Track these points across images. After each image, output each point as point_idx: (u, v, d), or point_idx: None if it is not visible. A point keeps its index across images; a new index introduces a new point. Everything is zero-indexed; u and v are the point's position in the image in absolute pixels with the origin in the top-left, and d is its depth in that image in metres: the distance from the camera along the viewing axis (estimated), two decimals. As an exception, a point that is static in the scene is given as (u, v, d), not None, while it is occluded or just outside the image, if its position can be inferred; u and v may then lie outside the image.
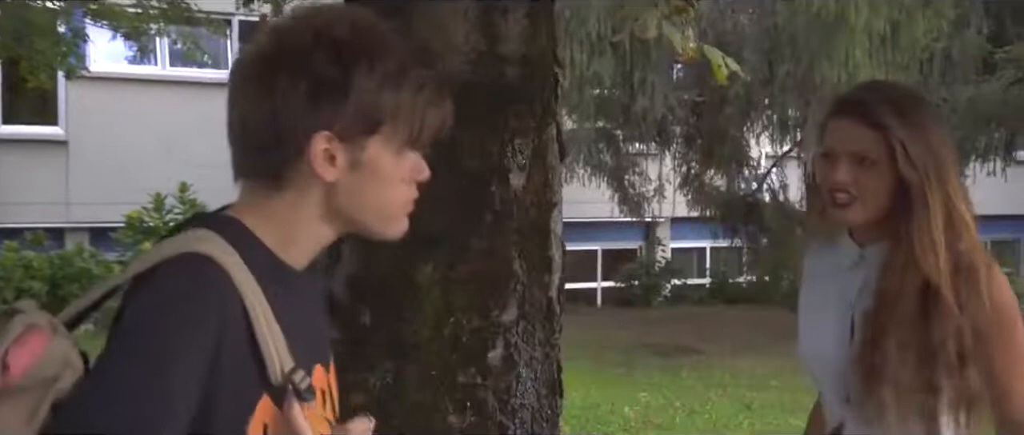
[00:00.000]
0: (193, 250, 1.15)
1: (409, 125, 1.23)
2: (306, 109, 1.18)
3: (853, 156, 1.79)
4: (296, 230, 1.24)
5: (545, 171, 2.71)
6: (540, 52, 2.70)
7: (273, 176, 1.22)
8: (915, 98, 1.91)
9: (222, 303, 1.14)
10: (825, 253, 1.96)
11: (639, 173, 14.90)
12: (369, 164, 1.22)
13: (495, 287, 2.60)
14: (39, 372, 1.10)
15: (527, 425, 2.64)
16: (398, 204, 1.29)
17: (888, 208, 1.79)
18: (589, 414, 7.48)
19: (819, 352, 1.89)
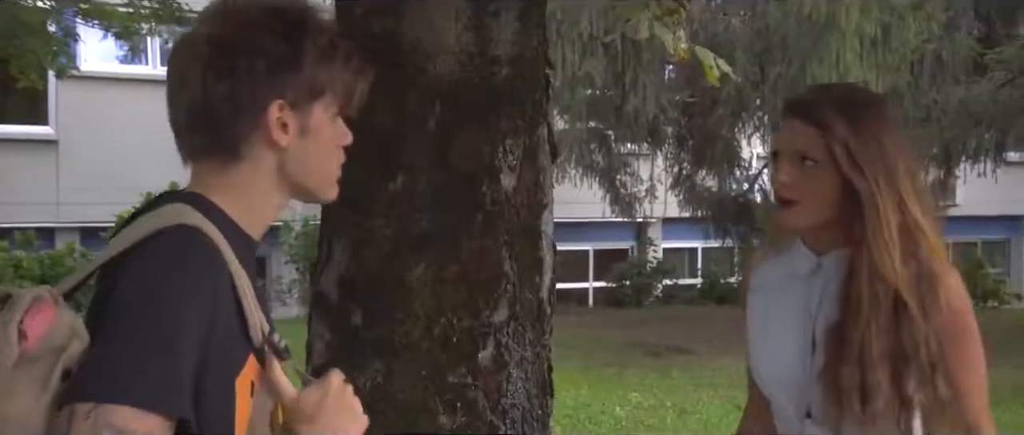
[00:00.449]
0: (181, 222, 1.23)
1: (344, 92, 1.38)
2: (264, 83, 1.31)
3: (795, 155, 1.74)
4: (254, 200, 1.36)
5: (536, 172, 2.71)
6: (531, 53, 2.70)
7: (230, 151, 1.32)
8: (868, 100, 1.84)
9: (215, 269, 1.23)
10: (777, 264, 1.88)
11: (631, 173, 14.92)
12: (314, 130, 1.36)
13: (486, 287, 2.60)
14: (50, 341, 1.16)
15: (518, 425, 2.65)
16: (335, 168, 1.42)
17: (837, 212, 1.73)
18: (580, 414, 7.48)
19: (777, 366, 1.82)
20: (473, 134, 2.59)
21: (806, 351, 1.79)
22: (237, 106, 1.30)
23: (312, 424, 1.28)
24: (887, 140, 1.73)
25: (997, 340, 9.92)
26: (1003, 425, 7.09)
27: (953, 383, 1.75)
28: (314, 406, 1.29)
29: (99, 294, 1.23)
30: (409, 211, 2.56)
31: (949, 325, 1.74)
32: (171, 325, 1.16)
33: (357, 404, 1.36)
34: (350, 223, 2.60)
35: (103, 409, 1.11)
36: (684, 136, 13.63)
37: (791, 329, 1.81)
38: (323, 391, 1.31)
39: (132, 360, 1.14)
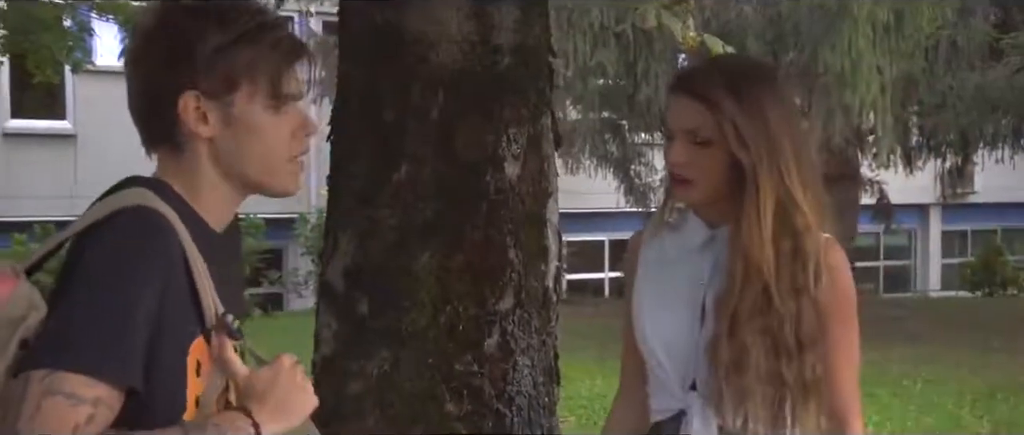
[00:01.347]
0: (139, 203, 1.27)
1: (270, 78, 1.34)
2: (171, 72, 1.31)
3: (687, 134, 1.73)
4: (202, 189, 1.36)
5: (540, 160, 2.72)
6: (534, 41, 2.71)
7: (169, 141, 1.35)
8: (756, 73, 1.82)
9: (169, 248, 1.26)
10: (670, 238, 1.87)
11: (645, 163, 14.90)
12: (241, 119, 1.34)
13: (491, 276, 2.61)
14: (7, 312, 1.21)
15: (524, 413, 2.66)
16: (278, 157, 1.38)
17: (729, 187, 1.73)
18: (595, 404, 7.47)
19: (665, 335, 1.80)
20: (477, 123, 2.60)
21: (696, 321, 1.79)
22: (155, 98, 1.33)
23: (262, 402, 1.30)
24: (773, 114, 1.71)
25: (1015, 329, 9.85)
26: (1021, 413, 7.06)
27: (827, 365, 1.76)
28: (265, 384, 1.32)
29: (63, 267, 1.27)
30: (414, 201, 2.57)
31: (825, 304, 1.74)
32: (124, 298, 1.21)
33: (308, 384, 1.38)
34: (355, 214, 2.61)
35: (56, 376, 1.16)
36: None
37: (682, 299, 1.80)
38: (275, 371, 1.33)
39: (85, 330, 1.19)
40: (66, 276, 1.24)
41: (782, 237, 1.70)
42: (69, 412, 1.16)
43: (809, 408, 1.76)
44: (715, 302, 1.76)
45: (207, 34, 1.31)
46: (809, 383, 1.74)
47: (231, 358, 1.33)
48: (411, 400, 2.58)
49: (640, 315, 1.84)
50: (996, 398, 7.54)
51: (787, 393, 1.73)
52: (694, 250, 1.82)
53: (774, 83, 1.81)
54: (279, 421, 1.32)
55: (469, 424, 2.59)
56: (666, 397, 1.85)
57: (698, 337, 1.77)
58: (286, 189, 1.41)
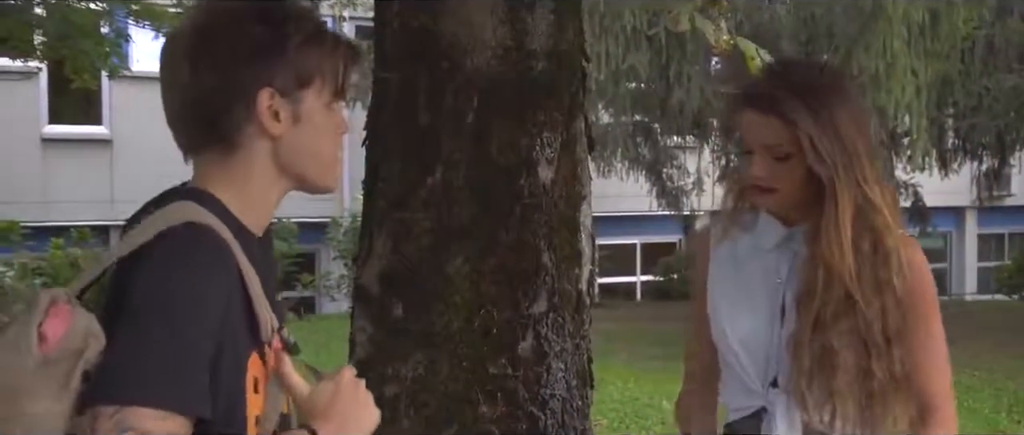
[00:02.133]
0: (191, 220, 1.24)
1: (334, 78, 1.37)
2: (249, 69, 1.30)
3: (768, 150, 1.78)
4: (252, 192, 1.35)
5: (574, 164, 2.73)
6: (567, 46, 2.72)
7: (226, 142, 1.32)
8: (826, 82, 1.85)
9: (227, 265, 1.24)
10: (742, 237, 1.91)
11: (677, 166, 14.85)
12: (307, 117, 1.35)
13: (525, 279, 2.62)
14: (69, 343, 1.16)
15: (558, 416, 2.67)
16: (332, 155, 1.40)
17: (805, 193, 1.79)
18: (627, 408, 7.47)
19: (743, 333, 1.84)
20: (511, 128, 2.61)
21: (775, 319, 1.83)
22: (227, 95, 1.30)
23: (326, 418, 1.29)
24: (845, 122, 1.76)
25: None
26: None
27: (911, 360, 1.80)
28: (327, 400, 1.30)
29: (113, 292, 1.22)
30: (448, 204, 2.59)
31: (909, 299, 1.79)
32: (188, 325, 1.17)
33: (369, 398, 1.36)
34: (390, 217, 2.64)
35: (126, 411, 1.12)
36: (730, 128, 13.50)
37: (760, 297, 1.85)
38: (335, 385, 1.32)
39: (152, 361, 1.15)
40: (122, 302, 1.19)
41: (862, 238, 1.76)
42: None
43: (899, 403, 1.80)
44: (796, 303, 1.80)
45: (287, 31, 1.32)
46: (899, 377, 1.78)
47: (291, 374, 1.32)
48: (446, 402, 2.59)
49: (718, 313, 1.89)
50: (1035, 403, 7.46)
51: (875, 389, 1.77)
52: (770, 249, 1.87)
53: (842, 88, 1.86)
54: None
55: (503, 426, 2.61)
56: (743, 393, 1.89)
57: (778, 334, 1.82)
58: (331, 186, 1.42)
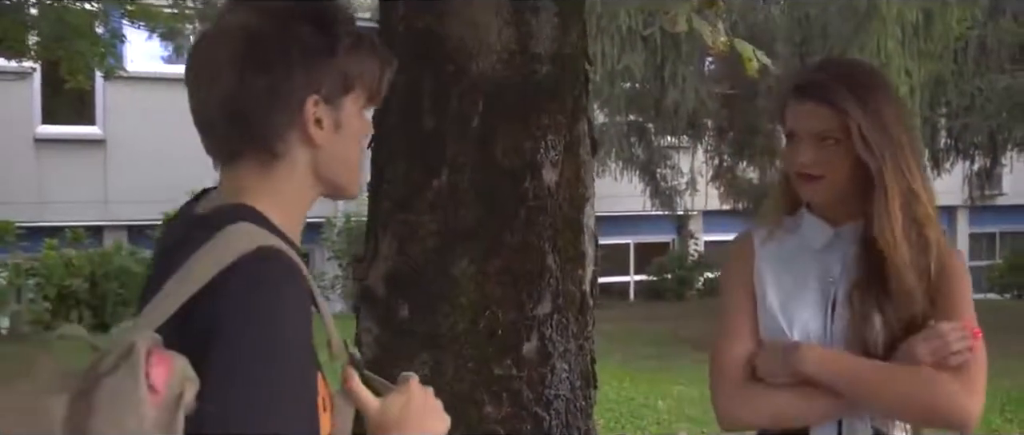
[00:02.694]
0: (260, 244, 1.19)
1: (371, 84, 1.34)
2: (302, 76, 1.26)
3: (816, 137, 1.83)
4: (291, 203, 1.31)
5: (577, 166, 2.76)
6: (571, 49, 2.75)
7: (267, 151, 1.27)
8: (872, 78, 1.92)
9: (303, 290, 1.20)
10: (788, 238, 1.95)
11: (671, 166, 14.89)
12: (346, 123, 1.31)
13: (529, 281, 2.65)
14: (172, 389, 1.09)
15: (562, 416, 2.69)
16: (358, 161, 1.38)
17: (852, 186, 1.84)
18: (622, 408, 7.50)
19: (802, 329, 1.87)
20: (515, 130, 2.64)
21: (826, 315, 1.87)
22: (275, 101, 1.25)
23: (400, 429, 1.30)
24: (891, 117, 1.83)
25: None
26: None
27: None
28: (399, 412, 1.31)
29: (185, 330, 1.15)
30: (454, 207, 2.61)
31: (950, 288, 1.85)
32: (293, 351, 1.15)
33: (438, 405, 1.37)
34: (396, 219, 2.66)
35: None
36: (724, 128, 13.57)
37: (813, 296, 1.88)
38: (406, 397, 1.32)
39: (268, 400, 1.12)
40: (210, 342, 1.13)
41: (910, 229, 1.82)
42: None
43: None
44: (856, 296, 1.84)
45: (339, 37, 1.28)
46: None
47: (360, 390, 1.31)
48: (451, 403, 2.55)
49: (771, 310, 1.90)
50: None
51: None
52: (817, 250, 1.91)
53: (887, 86, 1.93)
54: None
55: (508, 427, 2.63)
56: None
57: (830, 329, 1.86)
58: (357, 193, 1.40)
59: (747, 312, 1.92)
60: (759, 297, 1.92)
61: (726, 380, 1.90)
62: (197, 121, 1.31)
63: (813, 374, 1.80)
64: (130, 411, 1.06)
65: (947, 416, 1.80)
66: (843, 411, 1.83)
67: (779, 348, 1.85)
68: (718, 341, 1.94)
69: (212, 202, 1.30)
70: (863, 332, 1.82)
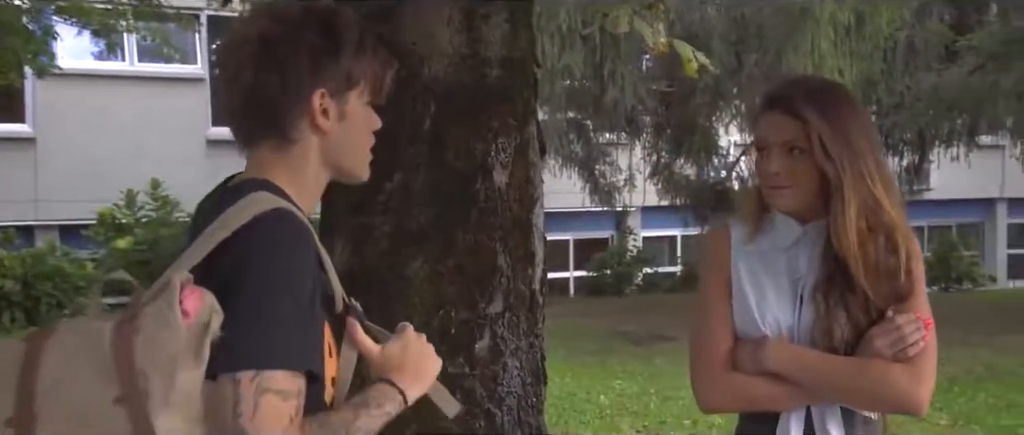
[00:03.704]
0: (277, 206, 1.39)
1: (374, 81, 1.56)
2: (309, 73, 1.48)
3: (783, 146, 1.95)
4: (306, 181, 1.53)
5: (527, 168, 2.81)
6: (520, 53, 2.80)
7: (283, 135, 1.50)
8: (836, 92, 2.05)
9: (313, 245, 1.41)
10: (761, 236, 2.06)
11: (610, 163, 15.02)
12: (350, 115, 1.53)
13: (481, 280, 2.70)
14: (202, 317, 1.29)
15: (514, 413, 2.75)
16: (367, 149, 1.59)
17: (818, 193, 1.95)
18: (565, 403, 7.57)
19: (773, 323, 1.98)
20: (466, 133, 2.69)
21: (795, 309, 1.98)
22: (286, 94, 1.47)
23: (401, 371, 1.54)
24: (853, 127, 1.95)
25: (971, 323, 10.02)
26: (977, 405, 7.25)
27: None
28: (399, 356, 1.55)
29: (211, 273, 1.34)
30: (407, 208, 2.65)
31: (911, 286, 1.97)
32: (300, 295, 1.35)
33: (431, 348, 1.61)
34: (350, 221, 2.69)
35: (264, 375, 1.30)
36: (662, 125, 13.74)
37: (783, 290, 2.00)
38: (403, 342, 1.57)
39: (279, 330, 1.32)
40: (231, 281, 1.33)
41: (877, 233, 1.93)
42: (283, 407, 1.30)
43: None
44: (820, 294, 1.95)
45: (343, 40, 1.50)
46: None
47: (363, 339, 1.55)
48: (404, 402, 2.64)
49: (746, 304, 2.01)
50: (953, 391, 7.73)
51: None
52: (785, 247, 2.02)
53: (851, 100, 2.03)
54: (417, 385, 1.56)
55: (461, 424, 2.66)
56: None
57: (798, 323, 1.97)
58: (364, 176, 1.61)
59: (725, 305, 2.04)
60: (735, 291, 2.03)
61: (707, 369, 2.04)
62: (224, 112, 1.52)
63: (775, 369, 1.94)
64: (167, 330, 1.27)
65: (896, 404, 1.94)
66: (813, 398, 1.96)
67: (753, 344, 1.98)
68: (699, 333, 2.07)
69: (239, 179, 1.52)
70: (830, 328, 1.93)
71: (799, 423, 1.97)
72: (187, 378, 1.27)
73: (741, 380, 2.00)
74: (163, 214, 12.67)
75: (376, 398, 1.49)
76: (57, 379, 1.27)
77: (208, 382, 1.30)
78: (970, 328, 10.85)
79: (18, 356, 1.30)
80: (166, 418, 1.25)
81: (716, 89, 11.43)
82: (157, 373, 1.25)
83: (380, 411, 1.48)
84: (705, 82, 10.80)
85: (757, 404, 2.02)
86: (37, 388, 1.27)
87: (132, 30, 10.98)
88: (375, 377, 1.54)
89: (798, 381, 1.94)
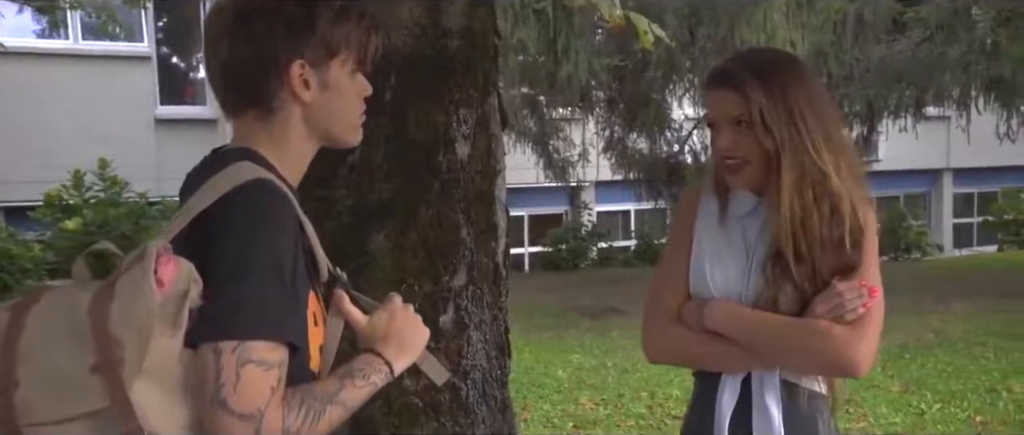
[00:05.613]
0: (258, 176, 1.40)
1: (358, 49, 1.56)
2: (283, 42, 1.48)
3: (731, 121, 1.97)
4: (289, 149, 1.53)
5: (488, 140, 2.79)
6: (481, 24, 2.77)
7: (263, 107, 1.51)
8: (782, 64, 2.02)
9: (294, 214, 1.42)
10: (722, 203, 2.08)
11: (563, 138, 15.03)
12: (333, 84, 1.54)
13: (445, 253, 2.68)
14: (178, 286, 1.30)
15: (479, 385, 2.74)
16: (357, 115, 1.61)
17: (767, 165, 1.96)
18: (523, 378, 7.59)
19: (721, 288, 2.00)
20: (428, 105, 2.66)
21: (747, 277, 2.00)
22: (263, 65, 1.48)
23: (387, 342, 1.55)
24: (797, 98, 1.94)
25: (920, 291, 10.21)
26: (927, 371, 7.40)
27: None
28: (385, 326, 1.57)
29: (191, 243, 1.35)
30: (369, 182, 2.62)
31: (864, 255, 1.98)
32: (280, 264, 1.35)
33: (419, 319, 1.62)
34: (312, 196, 2.64)
35: (245, 346, 1.29)
36: (615, 100, 13.76)
37: (735, 258, 2.02)
38: (389, 313, 1.59)
39: (259, 300, 1.32)
40: (212, 251, 1.33)
41: (822, 202, 1.93)
42: (264, 377, 1.30)
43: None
44: (768, 264, 1.96)
45: (319, 9, 1.50)
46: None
47: (350, 308, 1.57)
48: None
49: (701, 265, 2.03)
50: (904, 358, 7.89)
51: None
52: (741, 217, 2.04)
53: (800, 72, 2.01)
54: (403, 356, 1.57)
55: (426, 398, 2.66)
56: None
57: (749, 291, 1.98)
58: (354, 142, 1.63)
59: (683, 262, 2.06)
60: (694, 251, 2.05)
61: (656, 322, 2.06)
62: (209, 84, 1.56)
63: (715, 327, 1.96)
64: (140, 298, 1.26)
65: (835, 364, 1.93)
66: (753, 364, 1.98)
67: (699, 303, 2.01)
68: (654, 288, 2.10)
69: (225, 149, 1.54)
70: (775, 297, 1.95)
71: (734, 391, 1.99)
72: (163, 346, 1.27)
73: (685, 335, 2.01)
74: (112, 194, 12.45)
75: (362, 369, 1.49)
76: (37, 346, 1.27)
77: (188, 352, 1.30)
78: (919, 296, 11.05)
79: (2, 324, 1.30)
80: (142, 385, 1.25)
81: (669, 63, 11.46)
82: (131, 341, 1.25)
83: (365, 382, 1.48)
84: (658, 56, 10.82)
85: (698, 361, 2.06)
86: (19, 355, 1.27)
87: (76, 7, 10.74)
88: (362, 348, 1.55)
89: (738, 339, 1.96)
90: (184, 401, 1.30)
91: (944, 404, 6.49)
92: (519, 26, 9.21)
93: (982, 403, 6.47)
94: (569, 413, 6.62)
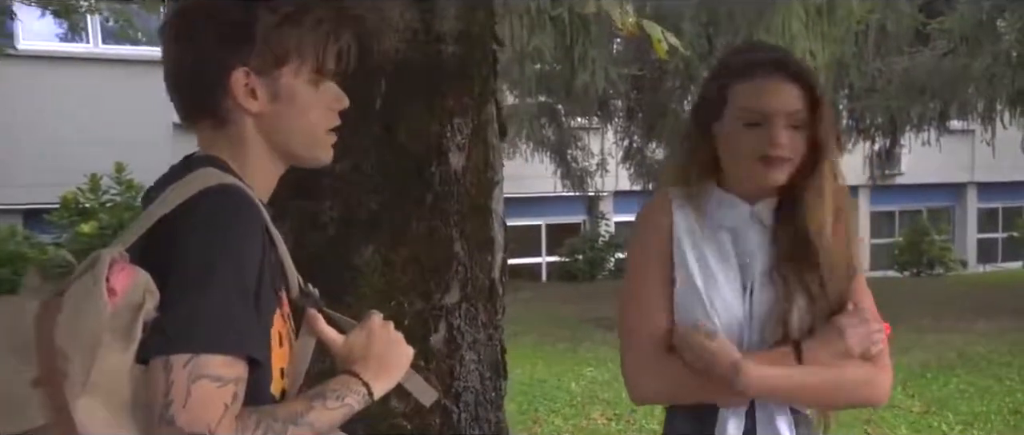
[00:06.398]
0: (222, 182, 1.30)
1: (314, 56, 1.42)
2: (221, 49, 1.37)
3: (787, 117, 1.77)
4: (250, 163, 1.41)
5: (485, 150, 2.67)
6: (478, 29, 2.65)
7: (214, 116, 1.40)
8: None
9: (261, 222, 1.32)
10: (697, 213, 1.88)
11: (581, 147, 14.96)
12: (286, 94, 1.40)
13: (437, 269, 2.56)
14: (131, 297, 1.21)
15: (471, 408, 2.62)
16: (320, 129, 1.47)
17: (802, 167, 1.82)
18: (535, 390, 7.48)
19: (720, 305, 1.81)
20: (420, 113, 2.54)
21: (746, 295, 1.83)
22: (203, 72, 1.37)
23: (365, 363, 1.43)
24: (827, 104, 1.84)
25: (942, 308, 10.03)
26: (949, 391, 7.21)
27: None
28: (363, 346, 1.44)
29: (150, 251, 1.27)
30: (356, 193, 2.51)
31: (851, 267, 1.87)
32: (240, 276, 1.25)
33: (400, 337, 1.49)
34: (293, 207, 2.53)
35: (199, 360, 1.19)
36: (634, 109, 13.65)
37: (729, 274, 1.83)
38: (367, 331, 1.46)
39: (215, 312, 1.22)
40: (171, 260, 1.24)
41: (838, 217, 1.82)
42: (217, 394, 1.20)
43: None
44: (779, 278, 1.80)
45: (260, 14, 1.38)
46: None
47: (324, 327, 1.45)
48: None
49: (696, 288, 1.82)
50: (926, 377, 7.71)
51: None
52: (735, 227, 1.85)
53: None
54: (383, 377, 1.44)
55: (415, 421, 2.54)
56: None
57: (747, 307, 1.81)
58: (322, 160, 1.49)
59: (663, 284, 1.84)
60: (681, 273, 1.84)
61: (640, 354, 1.84)
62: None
63: (756, 395, 1.79)
64: (90, 308, 1.19)
65: (871, 403, 1.88)
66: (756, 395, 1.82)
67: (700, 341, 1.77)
68: (632, 314, 1.87)
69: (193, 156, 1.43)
70: (788, 312, 1.79)
71: (738, 422, 1.81)
72: (112, 360, 1.19)
73: (678, 367, 1.79)
74: (128, 198, 12.45)
75: (336, 391, 1.37)
76: None
77: (140, 368, 1.21)
78: (941, 314, 10.85)
79: None
80: (87, 402, 1.17)
81: (687, 73, 11.32)
82: (77, 353, 1.17)
83: (339, 403, 1.36)
84: (676, 65, 10.69)
85: (695, 395, 1.82)
86: None
87: (94, 11, 10.74)
88: (338, 369, 1.44)
89: (781, 400, 1.82)
90: (132, 420, 1.20)
91: (966, 426, 6.31)
92: (535, 33, 9.10)
93: (1006, 426, 6.29)
94: (580, 427, 6.49)
